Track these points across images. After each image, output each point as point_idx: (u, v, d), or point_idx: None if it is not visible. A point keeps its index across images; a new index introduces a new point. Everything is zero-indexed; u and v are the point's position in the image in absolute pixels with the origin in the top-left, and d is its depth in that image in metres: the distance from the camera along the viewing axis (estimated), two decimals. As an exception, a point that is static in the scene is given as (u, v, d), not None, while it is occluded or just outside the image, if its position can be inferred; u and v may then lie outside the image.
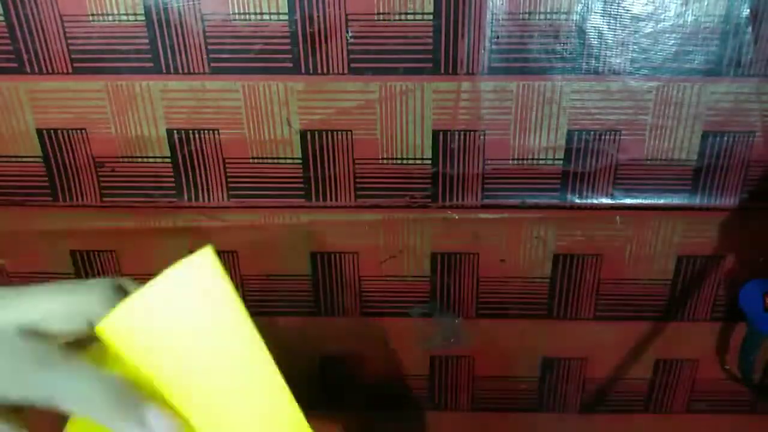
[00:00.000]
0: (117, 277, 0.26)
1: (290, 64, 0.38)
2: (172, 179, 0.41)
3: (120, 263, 0.44)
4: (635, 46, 0.37)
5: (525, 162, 0.40)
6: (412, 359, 0.47)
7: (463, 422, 0.49)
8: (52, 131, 0.40)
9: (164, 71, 0.38)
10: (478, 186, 0.41)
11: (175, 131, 0.40)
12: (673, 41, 0.37)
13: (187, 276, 0.23)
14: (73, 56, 0.38)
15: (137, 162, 0.41)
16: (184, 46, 0.37)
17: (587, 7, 0.36)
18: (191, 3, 0.36)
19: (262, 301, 0.45)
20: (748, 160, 0.40)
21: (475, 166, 0.40)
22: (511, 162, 0.40)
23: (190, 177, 0.41)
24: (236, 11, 0.36)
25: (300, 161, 0.40)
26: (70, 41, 0.37)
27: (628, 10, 0.36)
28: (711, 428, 0.49)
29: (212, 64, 0.38)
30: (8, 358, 0.22)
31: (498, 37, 0.37)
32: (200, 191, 0.41)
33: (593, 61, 0.37)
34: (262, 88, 0.38)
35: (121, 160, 0.41)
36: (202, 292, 0.24)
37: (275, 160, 0.40)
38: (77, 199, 0.42)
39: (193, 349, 0.24)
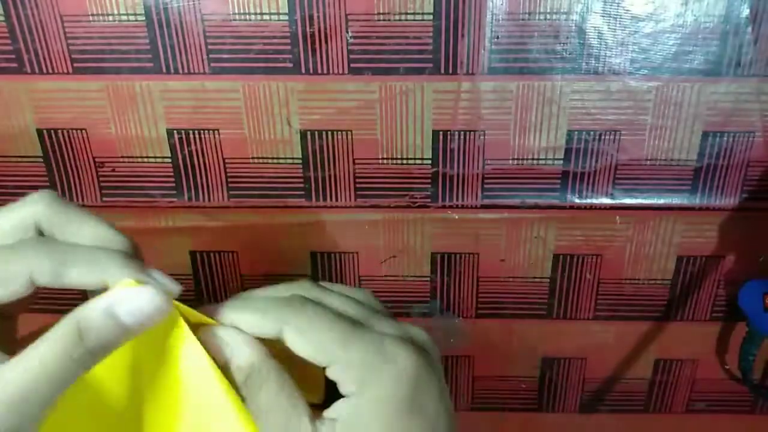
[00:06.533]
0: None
1: (290, 64, 0.38)
2: (172, 179, 0.41)
3: (120, 263, 0.44)
4: (635, 46, 0.37)
5: (525, 162, 0.40)
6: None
7: (463, 422, 0.49)
8: (52, 131, 0.40)
9: (164, 71, 0.38)
10: (478, 186, 0.41)
11: (175, 131, 0.40)
12: (673, 41, 0.37)
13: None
14: (73, 56, 0.38)
15: (137, 162, 0.41)
16: (184, 46, 0.37)
17: (587, 7, 0.36)
18: (191, 3, 0.36)
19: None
20: (748, 160, 0.40)
21: (475, 166, 0.40)
22: (511, 162, 0.40)
23: (190, 177, 0.41)
24: (236, 11, 0.36)
25: (300, 161, 0.40)
26: (70, 41, 0.37)
27: (628, 10, 0.36)
28: (711, 428, 0.49)
29: (212, 64, 0.38)
30: None
31: (498, 37, 0.37)
32: (200, 191, 0.41)
33: (593, 61, 0.37)
34: (262, 88, 0.38)
35: (121, 160, 0.41)
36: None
37: (275, 160, 0.40)
38: (77, 199, 0.42)
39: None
